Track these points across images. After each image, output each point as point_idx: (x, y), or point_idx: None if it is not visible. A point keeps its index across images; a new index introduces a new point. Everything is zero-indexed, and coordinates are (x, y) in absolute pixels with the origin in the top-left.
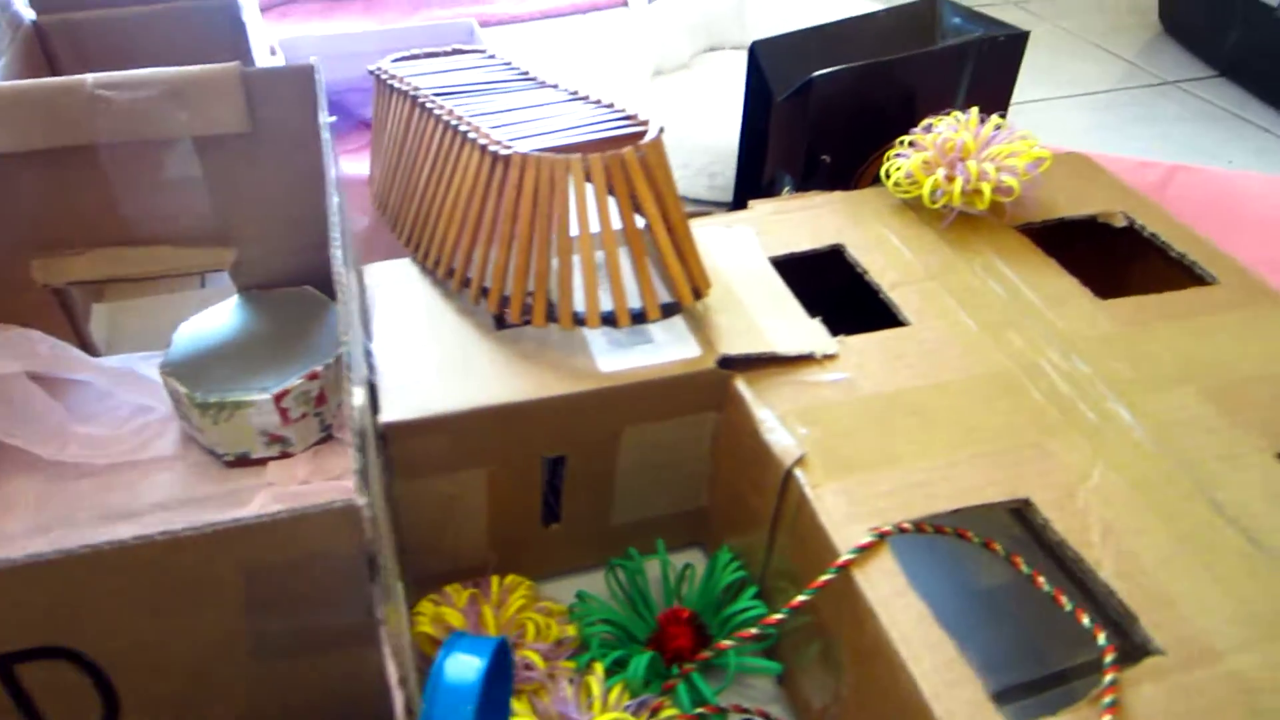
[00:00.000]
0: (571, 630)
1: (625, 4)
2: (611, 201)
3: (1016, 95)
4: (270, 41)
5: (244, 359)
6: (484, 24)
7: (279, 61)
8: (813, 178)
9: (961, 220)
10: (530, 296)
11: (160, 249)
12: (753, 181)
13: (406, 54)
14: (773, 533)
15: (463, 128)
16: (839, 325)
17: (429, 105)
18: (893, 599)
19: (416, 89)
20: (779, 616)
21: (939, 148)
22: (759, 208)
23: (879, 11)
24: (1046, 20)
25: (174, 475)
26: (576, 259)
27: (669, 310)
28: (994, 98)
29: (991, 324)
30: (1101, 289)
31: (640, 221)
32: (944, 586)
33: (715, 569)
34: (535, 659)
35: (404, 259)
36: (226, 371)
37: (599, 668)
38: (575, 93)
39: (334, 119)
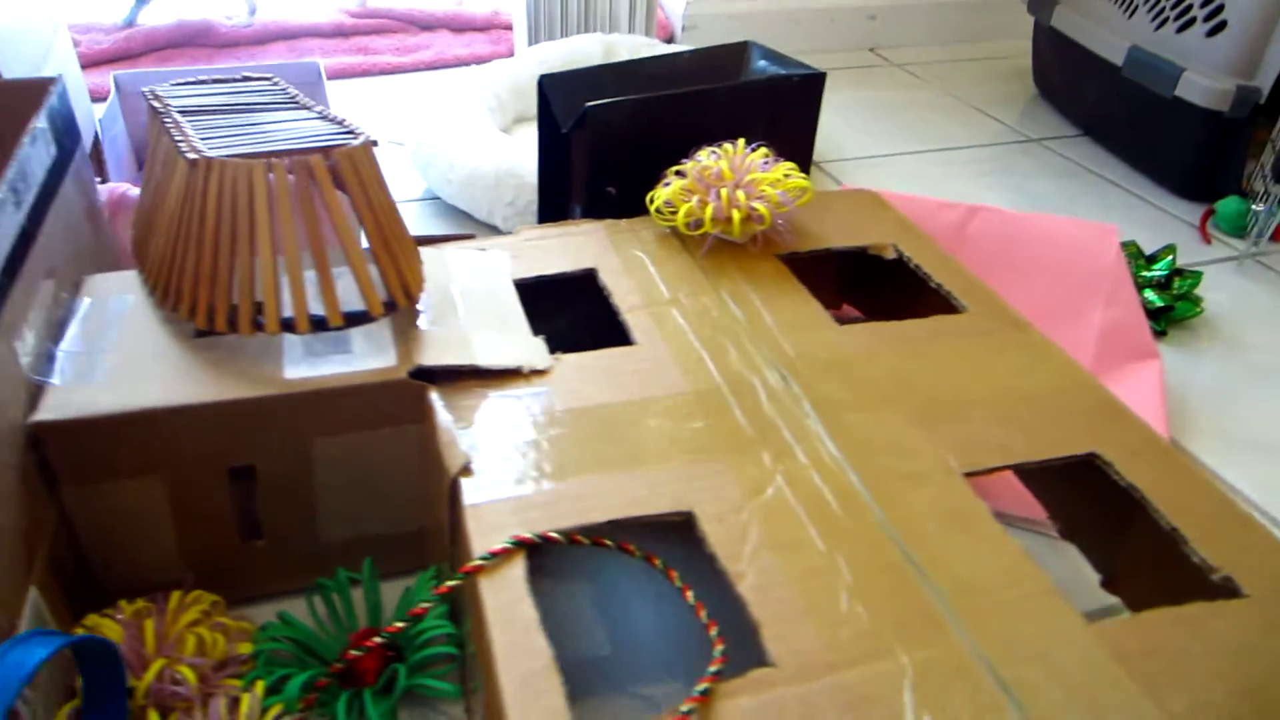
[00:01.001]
0: (247, 648)
1: (511, 54)
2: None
3: (882, 149)
4: (112, 76)
5: None
6: (365, 73)
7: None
8: (598, 209)
9: (725, 248)
10: (220, 303)
11: None
12: (555, 214)
13: (191, 80)
14: (451, 546)
15: (177, 138)
16: (593, 347)
17: (167, 122)
18: (508, 606)
19: (168, 107)
20: (399, 624)
21: (697, 175)
22: (525, 233)
23: (685, 52)
24: (935, 88)
25: None
26: (258, 264)
27: (357, 319)
28: (796, 135)
29: (717, 346)
30: (872, 317)
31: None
32: (633, 600)
33: (415, 589)
34: (187, 674)
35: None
36: None
37: (260, 686)
38: (322, 113)
39: None
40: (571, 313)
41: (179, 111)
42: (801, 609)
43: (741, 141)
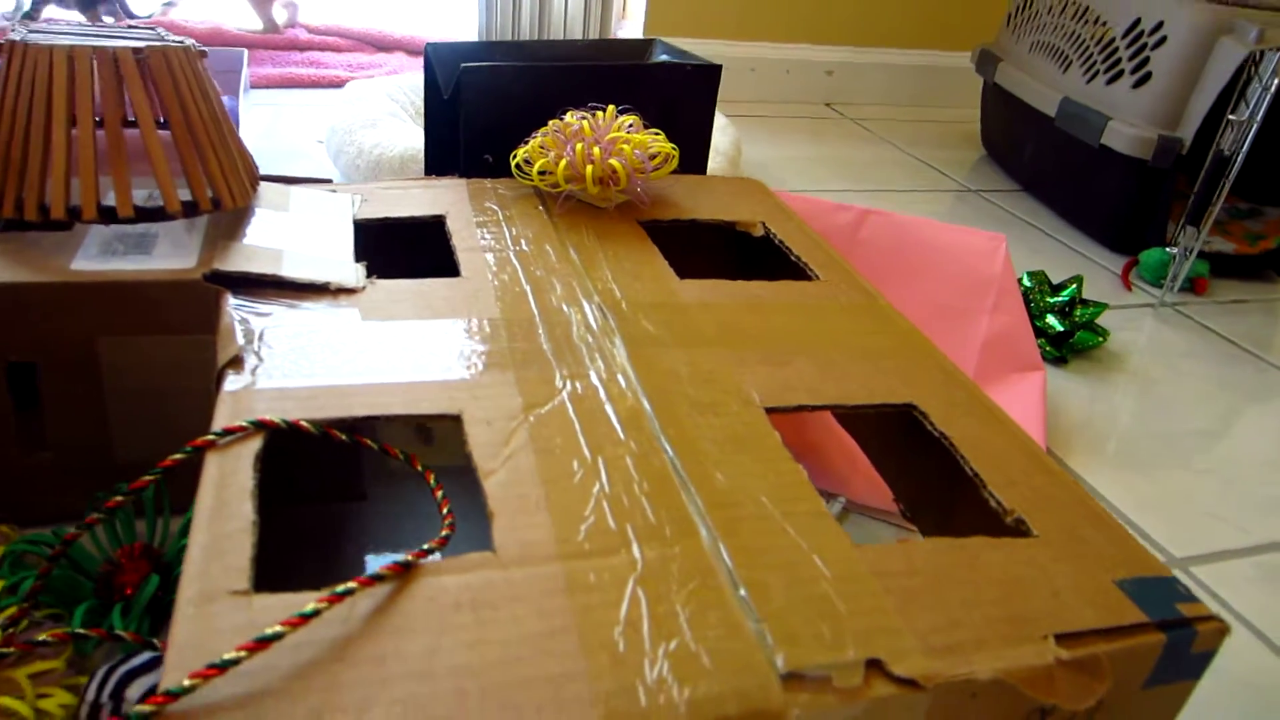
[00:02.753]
0: None
1: None
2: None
3: (823, 186)
4: None
5: None
6: (314, 84)
7: None
8: (476, 176)
9: (584, 211)
10: (9, 189)
11: None
12: None
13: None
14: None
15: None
16: None
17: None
18: (226, 476)
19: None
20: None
21: (557, 131)
22: (385, 183)
23: (586, 40)
24: (886, 143)
25: None
26: (53, 150)
27: (152, 215)
28: (691, 127)
29: (544, 284)
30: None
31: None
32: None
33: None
34: None
35: None
36: None
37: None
38: (164, 35)
39: None
40: (418, 260)
41: (29, 32)
42: (544, 506)
43: (611, 108)
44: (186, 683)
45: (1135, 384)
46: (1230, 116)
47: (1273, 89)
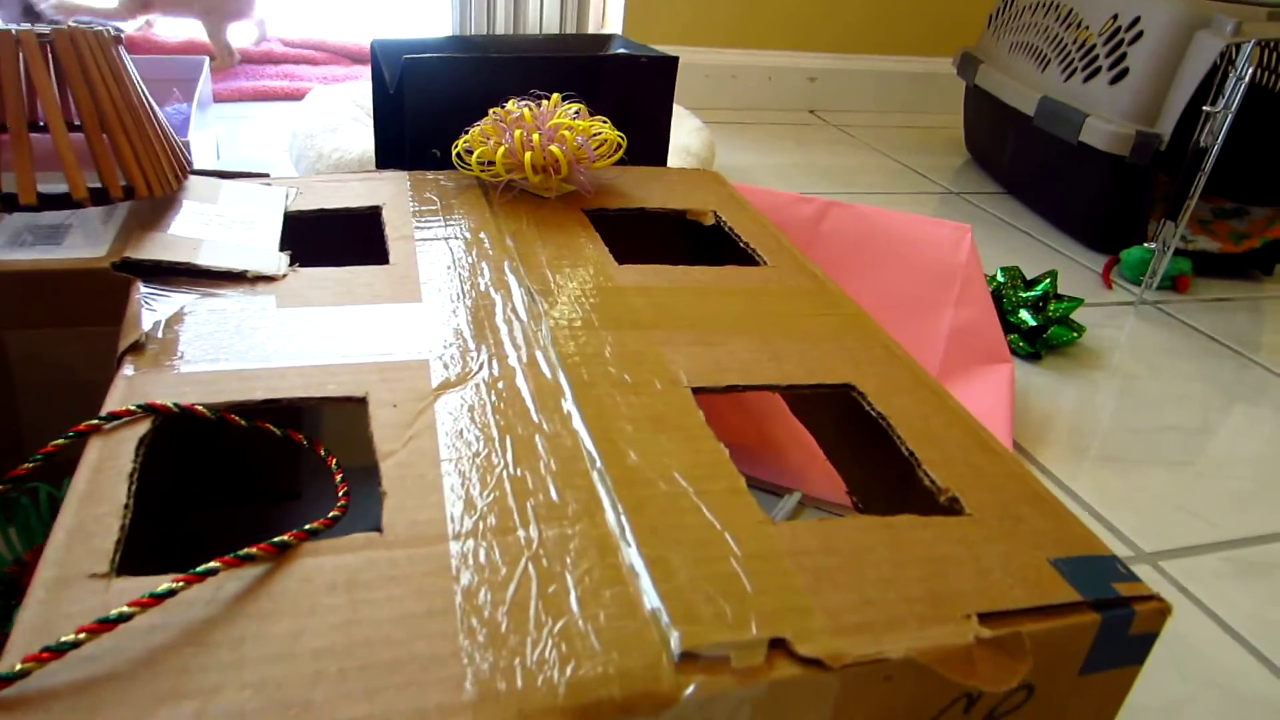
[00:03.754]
0: None
1: None
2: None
3: (802, 188)
4: None
5: None
6: (287, 96)
7: None
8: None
9: (527, 200)
10: None
11: None
12: None
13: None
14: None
15: None
16: None
17: None
18: (104, 460)
19: None
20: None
21: (498, 119)
22: (323, 176)
23: (542, 35)
24: (869, 149)
25: None
26: None
27: (59, 201)
28: (649, 123)
29: (474, 269)
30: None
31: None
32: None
33: None
34: None
35: None
36: None
37: None
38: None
39: None
40: (354, 253)
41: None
42: (439, 486)
43: (556, 96)
44: (18, 666)
45: (1112, 380)
46: (1206, 108)
47: (1247, 79)
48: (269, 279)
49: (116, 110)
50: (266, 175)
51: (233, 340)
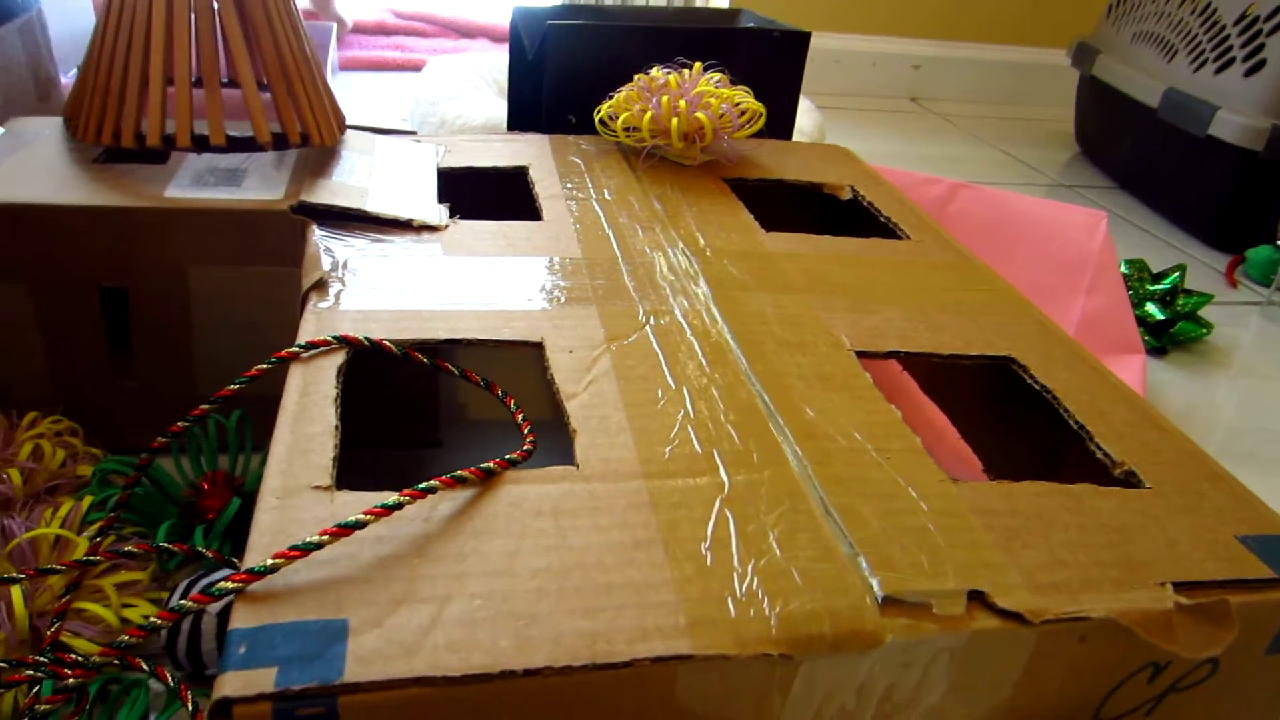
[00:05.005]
0: (87, 470)
1: None
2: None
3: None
4: None
5: None
6: (399, 67)
7: None
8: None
9: (668, 166)
10: (109, 119)
11: None
12: None
13: None
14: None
15: None
16: None
17: None
18: (309, 385)
19: None
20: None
21: (643, 85)
22: (468, 134)
23: (671, 7)
24: (974, 139)
25: None
26: (151, 82)
27: (244, 144)
28: (778, 97)
29: (628, 229)
30: None
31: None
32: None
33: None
34: (13, 475)
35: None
36: None
37: (88, 500)
38: None
39: None
40: (499, 209)
41: None
42: (627, 428)
43: (698, 65)
44: (269, 561)
45: (1239, 379)
46: None
47: None
48: (432, 228)
49: (295, 61)
50: (414, 133)
51: (408, 283)
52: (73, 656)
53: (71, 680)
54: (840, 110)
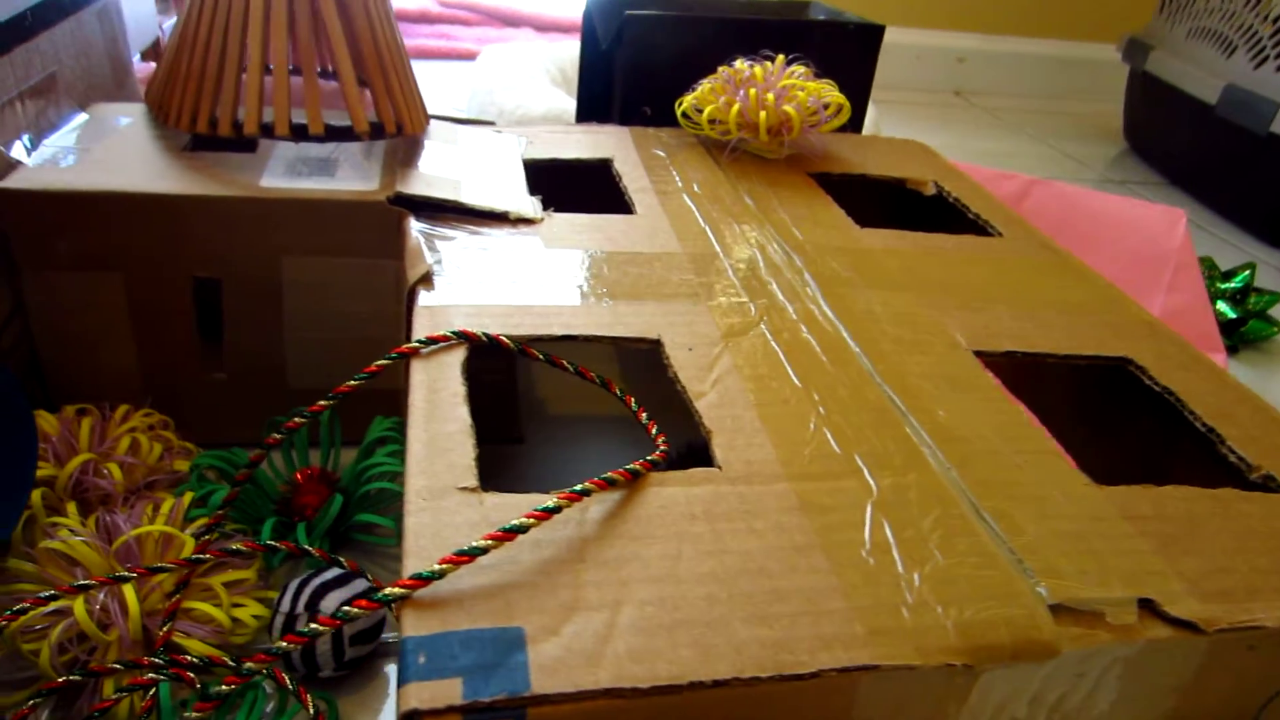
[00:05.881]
0: (184, 465)
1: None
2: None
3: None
4: None
5: None
6: (444, 56)
7: None
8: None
9: (751, 160)
10: (204, 106)
11: None
12: None
13: None
14: (407, 369)
15: None
16: None
17: None
18: (435, 381)
19: None
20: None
21: (728, 77)
22: (548, 126)
23: (739, 0)
24: (1020, 133)
25: None
26: (248, 69)
27: (341, 134)
28: (850, 89)
29: (723, 223)
30: None
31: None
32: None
33: (370, 430)
34: (113, 470)
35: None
36: None
37: (188, 497)
38: None
39: None
40: (584, 201)
41: None
42: (761, 428)
43: (781, 57)
44: (437, 567)
45: None
46: None
47: None
48: (528, 221)
49: (390, 50)
50: (493, 123)
51: (514, 277)
52: (188, 658)
53: (197, 684)
54: (884, 104)
